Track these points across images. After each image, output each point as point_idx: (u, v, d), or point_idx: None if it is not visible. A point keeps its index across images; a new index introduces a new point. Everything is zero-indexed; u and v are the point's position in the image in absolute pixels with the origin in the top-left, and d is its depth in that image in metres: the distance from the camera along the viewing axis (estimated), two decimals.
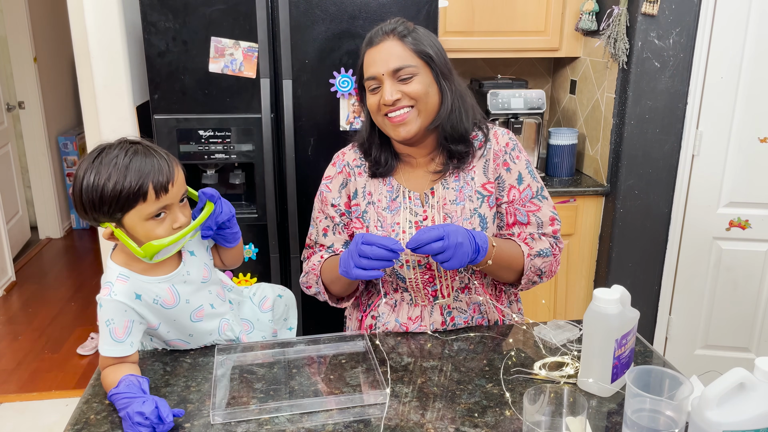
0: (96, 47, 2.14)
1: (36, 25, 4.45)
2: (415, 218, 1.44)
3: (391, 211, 1.46)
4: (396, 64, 1.36)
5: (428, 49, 1.38)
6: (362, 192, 1.49)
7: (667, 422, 1.05)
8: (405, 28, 1.39)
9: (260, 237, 2.26)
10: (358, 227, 1.49)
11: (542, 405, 1.07)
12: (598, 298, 1.18)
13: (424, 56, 1.38)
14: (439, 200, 1.45)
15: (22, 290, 3.96)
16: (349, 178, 1.51)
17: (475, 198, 1.44)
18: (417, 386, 1.26)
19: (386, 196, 1.47)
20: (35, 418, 2.72)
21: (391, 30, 1.39)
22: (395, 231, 1.44)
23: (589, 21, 2.63)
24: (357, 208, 1.49)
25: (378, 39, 1.39)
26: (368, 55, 1.40)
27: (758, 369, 0.99)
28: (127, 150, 1.19)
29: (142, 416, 1.07)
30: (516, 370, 1.31)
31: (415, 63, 1.37)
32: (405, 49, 1.37)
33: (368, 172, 1.49)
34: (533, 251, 1.41)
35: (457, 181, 1.45)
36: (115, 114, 2.20)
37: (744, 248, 2.62)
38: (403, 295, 1.49)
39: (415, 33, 1.39)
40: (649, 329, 2.77)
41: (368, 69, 1.40)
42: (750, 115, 2.47)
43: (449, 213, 1.44)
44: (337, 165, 1.54)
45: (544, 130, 2.91)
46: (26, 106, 4.47)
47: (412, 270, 1.45)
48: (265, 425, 1.14)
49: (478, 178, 1.45)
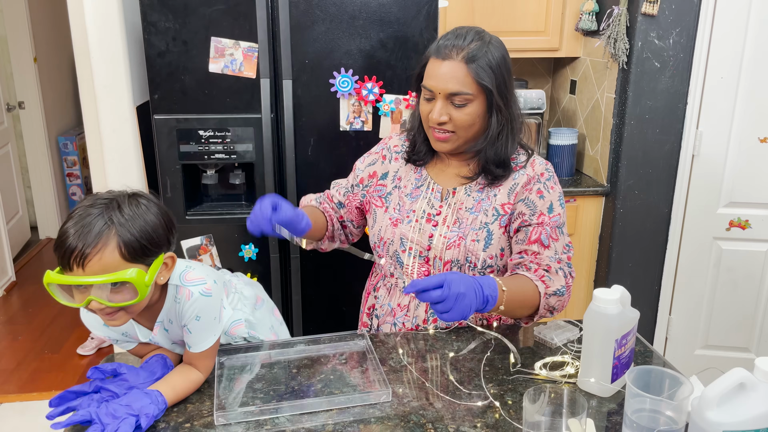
0: (96, 47, 2.14)
1: (36, 25, 4.45)
2: (430, 209, 1.48)
3: (412, 197, 1.51)
4: (454, 89, 1.36)
5: (490, 79, 1.36)
6: (393, 176, 1.55)
7: (667, 422, 1.05)
8: (477, 50, 1.36)
9: (260, 237, 2.25)
10: (378, 205, 1.54)
11: (542, 405, 1.07)
12: (598, 298, 1.18)
13: (484, 87, 1.37)
14: (457, 202, 1.48)
15: (22, 290, 3.96)
16: (384, 160, 1.57)
17: (490, 213, 1.45)
18: (417, 386, 1.26)
19: (413, 183, 1.52)
20: (35, 418, 2.72)
21: (462, 49, 1.36)
22: (409, 217, 1.48)
23: (589, 21, 2.63)
24: (382, 188, 1.55)
25: (446, 54, 1.37)
26: (432, 64, 1.39)
27: (758, 369, 0.99)
28: (101, 202, 1.09)
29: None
30: (516, 370, 1.31)
31: (473, 91, 1.37)
32: (467, 74, 1.35)
33: (405, 157, 1.54)
34: (549, 290, 1.36)
35: (480, 193, 1.47)
36: (115, 114, 2.20)
37: (744, 248, 2.62)
38: (397, 281, 1.52)
39: (484, 57, 1.36)
40: (649, 329, 2.77)
41: (428, 78, 1.40)
42: (750, 115, 2.47)
43: (461, 218, 1.46)
44: (380, 145, 1.62)
45: (544, 130, 2.91)
46: (26, 106, 4.46)
47: (411, 258, 1.48)
48: (265, 425, 1.14)
49: (501, 197, 1.46)
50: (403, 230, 1.48)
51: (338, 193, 1.63)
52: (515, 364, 1.33)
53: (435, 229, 1.46)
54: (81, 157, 4.87)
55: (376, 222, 1.53)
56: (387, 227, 1.50)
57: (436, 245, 1.45)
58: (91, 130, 2.33)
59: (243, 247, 2.25)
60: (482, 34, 1.40)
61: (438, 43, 1.40)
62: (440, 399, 1.22)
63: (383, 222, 1.51)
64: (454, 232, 1.45)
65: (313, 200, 1.65)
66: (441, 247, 1.44)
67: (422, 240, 1.46)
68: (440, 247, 1.44)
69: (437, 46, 1.39)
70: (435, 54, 1.39)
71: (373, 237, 1.54)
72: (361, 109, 2.18)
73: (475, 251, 1.43)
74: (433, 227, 1.46)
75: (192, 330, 1.21)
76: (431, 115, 1.39)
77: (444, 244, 1.44)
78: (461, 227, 1.45)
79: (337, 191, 1.64)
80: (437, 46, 1.39)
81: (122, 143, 2.23)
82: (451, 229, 1.45)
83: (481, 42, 1.38)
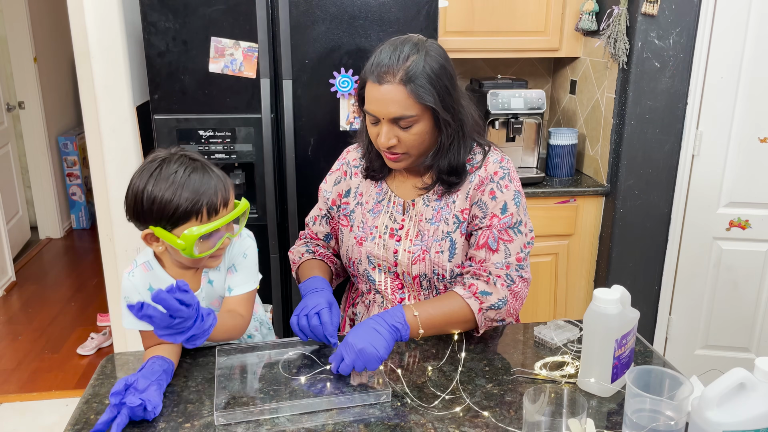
0: (96, 47, 2.14)
1: (36, 25, 4.45)
2: (393, 224, 1.46)
3: (374, 213, 1.48)
4: (396, 113, 1.31)
5: (432, 97, 1.31)
6: (354, 192, 1.52)
7: (667, 422, 1.05)
8: (413, 67, 1.29)
9: (260, 237, 2.25)
10: (344, 224, 1.52)
11: (542, 405, 1.07)
12: (599, 298, 1.19)
13: (427, 105, 1.32)
14: (417, 214, 1.46)
15: (22, 290, 3.96)
16: (345, 177, 1.54)
17: (451, 222, 1.42)
18: (417, 386, 1.26)
19: (374, 198, 1.49)
20: (35, 418, 2.72)
21: (398, 70, 1.29)
22: (372, 234, 1.46)
23: (589, 21, 2.63)
24: (347, 206, 1.52)
25: (382, 77, 1.30)
26: (370, 88, 1.33)
27: (758, 369, 0.99)
28: (186, 166, 1.23)
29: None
30: (516, 370, 1.31)
31: (416, 112, 1.32)
32: (408, 96, 1.29)
33: (363, 173, 1.51)
34: (485, 305, 1.35)
35: (438, 201, 1.44)
36: (115, 114, 2.20)
37: (744, 248, 2.62)
38: (375, 297, 1.51)
39: (422, 73, 1.29)
40: (649, 329, 2.77)
41: (369, 103, 1.34)
42: (750, 115, 2.47)
43: (423, 230, 1.44)
44: (340, 161, 1.58)
45: (544, 130, 2.91)
46: (26, 106, 4.47)
47: (382, 274, 1.47)
48: (265, 425, 1.14)
49: (459, 203, 1.43)
50: (368, 248, 1.46)
51: (320, 226, 1.58)
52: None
53: (398, 244, 1.44)
54: (81, 157, 4.87)
55: (343, 242, 1.52)
56: (353, 247, 1.48)
57: (401, 260, 1.44)
58: (91, 130, 2.33)
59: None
60: (419, 45, 1.32)
61: (373, 64, 1.32)
62: (440, 399, 1.22)
63: (349, 242, 1.49)
64: (417, 245, 1.42)
65: (304, 253, 1.57)
66: (407, 263, 1.43)
67: (388, 256, 1.45)
68: (406, 262, 1.43)
69: (372, 66, 1.32)
70: (371, 77, 1.31)
71: (343, 257, 1.52)
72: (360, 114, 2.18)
73: (440, 263, 1.41)
74: (397, 242, 1.44)
75: (238, 268, 1.33)
76: (379, 140, 1.35)
77: (409, 259, 1.43)
78: (424, 240, 1.42)
79: (318, 225, 1.59)
80: (372, 66, 1.32)
81: (122, 143, 2.23)
82: (414, 242, 1.43)
83: (418, 55, 1.30)
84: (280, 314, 2.31)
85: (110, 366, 1.36)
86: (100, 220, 2.41)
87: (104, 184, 2.29)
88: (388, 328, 1.25)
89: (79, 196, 4.93)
